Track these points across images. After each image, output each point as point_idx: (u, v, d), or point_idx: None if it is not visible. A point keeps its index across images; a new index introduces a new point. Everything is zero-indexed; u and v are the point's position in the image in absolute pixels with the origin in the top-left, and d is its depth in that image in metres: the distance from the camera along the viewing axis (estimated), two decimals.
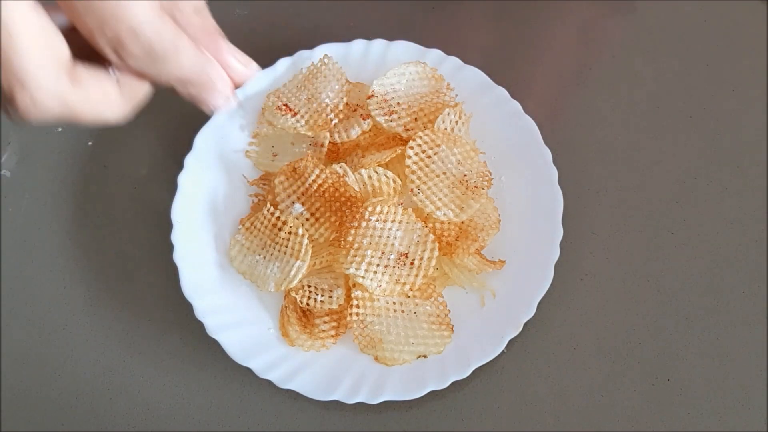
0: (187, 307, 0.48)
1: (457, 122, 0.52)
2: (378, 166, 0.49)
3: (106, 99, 0.26)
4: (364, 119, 0.52)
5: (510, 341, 0.47)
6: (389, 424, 0.48)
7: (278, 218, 0.49)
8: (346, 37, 0.56)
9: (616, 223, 0.54)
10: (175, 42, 0.25)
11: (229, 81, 0.28)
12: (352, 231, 0.47)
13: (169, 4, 0.26)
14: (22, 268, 0.54)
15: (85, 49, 0.26)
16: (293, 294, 0.48)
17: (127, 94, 0.27)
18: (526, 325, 0.47)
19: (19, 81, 0.23)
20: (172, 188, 0.51)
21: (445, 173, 0.50)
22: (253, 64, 0.29)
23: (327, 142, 0.51)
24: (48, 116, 0.25)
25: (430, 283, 0.49)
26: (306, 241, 0.47)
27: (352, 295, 0.47)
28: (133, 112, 0.28)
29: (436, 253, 0.47)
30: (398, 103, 0.53)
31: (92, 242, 0.54)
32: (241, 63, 0.29)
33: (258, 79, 0.55)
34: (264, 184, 0.53)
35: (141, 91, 0.28)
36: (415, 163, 0.49)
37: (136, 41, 0.24)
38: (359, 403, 0.46)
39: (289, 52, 0.56)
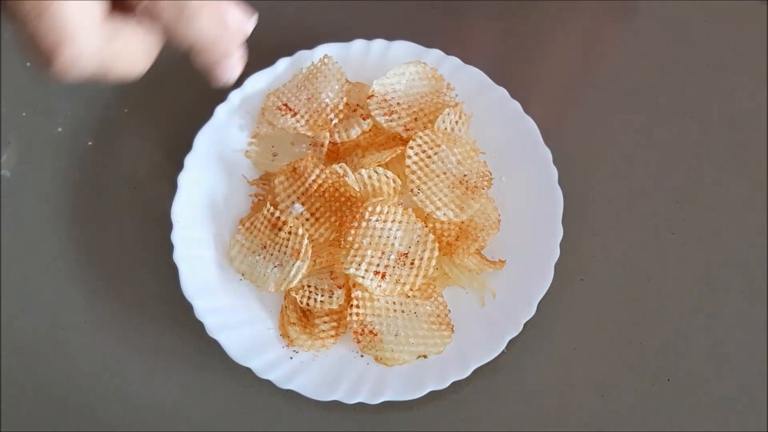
0: (187, 307, 0.48)
1: (457, 122, 0.52)
2: (378, 166, 0.49)
3: (136, 53, 0.26)
4: (364, 119, 0.52)
5: (510, 341, 0.47)
6: (389, 424, 0.48)
7: (278, 218, 0.49)
8: (346, 37, 0.56)
9: (616, 223, 0.54)
10: (202, 2, 0.25)
11: (242, 52, 0.28)
12: (352, 231, 0.47)
13: None
14: (22, 268, 0.54)
15: None
16: (293, 294, 0.48)
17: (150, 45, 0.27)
18: (526, 325, 0.47)
19: (63, 38, 0.23)
20: (172, 188, 0.51)
21: (445, 173, 0.50)
22: (253, 18, 0.29)
23: (327, 142, 0.51)
24: (86, 73, 0.24)
25: (430, 283, 0.49)
26: (306, 241, 0.47)
27: (352, 295, 0.47)
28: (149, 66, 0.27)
29: (436, 253, 0.47)
30: (398, 103, 0.53)
31: (92, 242, 0.54)
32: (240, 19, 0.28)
33: (258, 79, 0.55)
34: (264, 184, 0.53)
35: (157, 43, 0.27)
36: (415, 163, 0.49)
37: None
38: (359, 403, 0.46)
39: (289, 52, 0.55)
